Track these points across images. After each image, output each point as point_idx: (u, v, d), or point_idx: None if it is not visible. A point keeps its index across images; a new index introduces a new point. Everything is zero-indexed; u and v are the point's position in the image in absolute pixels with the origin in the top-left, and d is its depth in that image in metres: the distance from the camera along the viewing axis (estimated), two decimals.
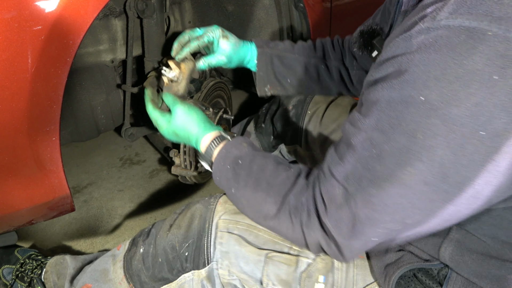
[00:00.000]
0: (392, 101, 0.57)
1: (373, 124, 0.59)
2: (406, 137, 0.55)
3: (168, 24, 1.56)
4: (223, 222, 0.89)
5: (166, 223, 0.96)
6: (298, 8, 1.36)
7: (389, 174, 0.58)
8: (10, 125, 0.88)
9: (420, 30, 0.55)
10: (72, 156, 1.90)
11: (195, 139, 0.90)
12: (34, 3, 0.82)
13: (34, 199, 1.01)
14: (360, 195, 0.61)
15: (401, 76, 0.56)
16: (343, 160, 0.64)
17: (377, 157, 0.59)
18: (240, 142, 0.84)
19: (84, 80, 1.33)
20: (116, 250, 1.03)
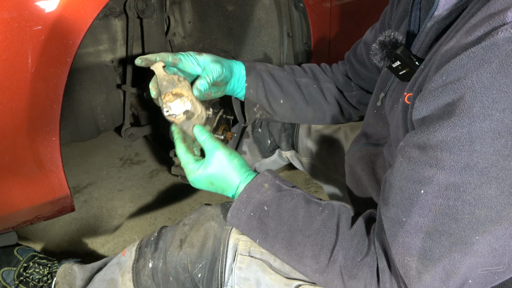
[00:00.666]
0: (487, 135, 0.49)
1: (459, 166, 0.52)
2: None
3: (168, 24, 1.56)
4: (244, 244, 0.82)
5: (176, 236, 0.89)
6: (298, 8, 1.36)
7: (497, 216, 0.52)
8: (10, 125, 0.88)
9: (504, 39, 0.47)
10: (72, 156, 1.90)
11: (234, 190, 0.81)
12: (34, 3, 0.82)
13: (34, 199, 1.01)
14: (457, 248, 0.54)
15: (493, 104, 0.48)
16: (409, 217, 0.58)
17: (475, 202, 0.52)
18: (261, 183, 0.77)
19: (84, 80, 1.33)
20: (121, 256, 0.99)
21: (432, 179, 0.55)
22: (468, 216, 0.53)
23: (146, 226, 1.55)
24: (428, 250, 0.56)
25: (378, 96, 0.89)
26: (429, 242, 0.56)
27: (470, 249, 0.54)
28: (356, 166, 0.93)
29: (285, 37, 1.47)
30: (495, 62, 0.48)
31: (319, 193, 1.71)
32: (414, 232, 0.57)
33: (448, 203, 0.54)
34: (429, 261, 0.56)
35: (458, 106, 0.51)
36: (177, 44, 1.62)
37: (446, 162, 0.53)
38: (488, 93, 0.48)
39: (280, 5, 1.39)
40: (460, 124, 0.51)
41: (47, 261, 1.22)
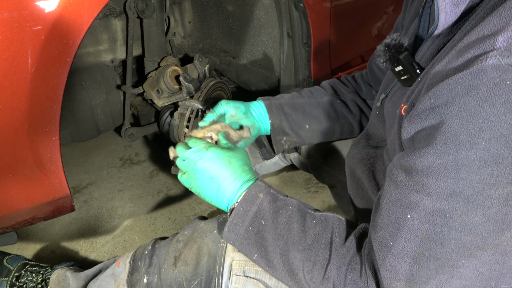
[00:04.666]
0: (473, 164, 0.50)
1: (446, 193, 0.52)
2: (501, 202, 0.50)
3: (168, 24, 1.56)
4: (238, 264, 0.81)
5: (169, 253, 0.89)
6: (298, 8, 1.36)
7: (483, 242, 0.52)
8: (10, 125, 0.88)
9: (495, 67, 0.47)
10: (72, 156, 1.90)
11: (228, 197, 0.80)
12: (34, 3, 0.82)
13: (34, 199, 1.01)
14: (444, 271, 0.55)
15: (480, 133, 0.48)
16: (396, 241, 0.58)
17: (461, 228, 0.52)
18: (255, 194, 0.76)
19: (84, 80, 1.33)
20: (116, 267, 0.99)
21: (419, 204, 0.55)
22: (455, 241, 0.53)
23: (146, 226, 1.55)
24: (415, 274, 0.57)
25: (379, 97, 0.89)
26: (416, 267, 0.56)
27: (456, 272, 0.54)
28: (356, 168, 0.93)
29: (285, 37, 1.47)
30: (482, 90, 0.48)
31: (320, 193, 1.71)
32: (401, 256, 0.58)
33: (434, 229, 0.54)
34: (416, 285, 0.57)
35: (444, 133, 0.51)
36: (177, 44, 1.62)
37: (432, 188, 0.53)
38: (474, 121, 0.48)
39: (280, 5, 1.39)
40: (446, 151, 0.51)
41: (39, 268, 1.20)
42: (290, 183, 1.76)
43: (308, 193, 1.72)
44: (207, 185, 0.80)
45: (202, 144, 0.83)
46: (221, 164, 0.79)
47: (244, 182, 0.79)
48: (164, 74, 1.27)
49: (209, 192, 0.80)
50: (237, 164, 0.80)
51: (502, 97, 0.46)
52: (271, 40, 1.54)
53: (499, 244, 0.52)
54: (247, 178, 0.80)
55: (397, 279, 0.58)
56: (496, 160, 0.48)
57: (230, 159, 0.80)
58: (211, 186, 0.80)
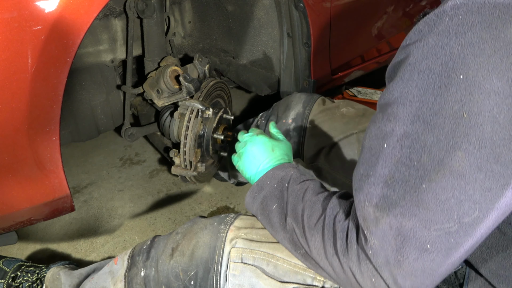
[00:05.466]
0: (430, 87, 0.55)
1: (411, 117, 0.57)
2: (451, 120, 0.54)
3: (168, 24, 1.56)
4: (236, 251, 0.83)
5: (168, 245, 0.90)
6: (298, 8, 1.36)
7: (438, 164, 0.55)
8: (10, 125, 0.88)
9: (453, 6, 0.55)
10: (72, 156, 1.90)
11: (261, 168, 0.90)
12: (34, 3, 0.82)
13: (34, 199, 1.01)
14: (409, 196, 0.57)
15: (436, 60, 0.55)
16: (374, 169, 0.61)
17: (421, 150, 0.56)
18: (286, 166, 0.85)
19: (84, 80, 1.33)
20: (113, 265, 0.98)
21: (392, 132, 0.59)
22: (417, 163, 0.56)
23: (146, 226, 1.55)
24: (386, 197, 0.59)
25: None
26: (387, 190, 0.59)
27: (419, 199, 0.56)
28: None
29: (285, 37, 1.47)
30: (441, 26, 0.55)
31: None
32: (377, 182, 0.61)
33: (403, 152, 0.58)
34: (385, 207, 0.59)
35: (409, 63, 0.58)
36: (177, 44, 1.62)
37: (401, 115, 0.58)
38: (433, 51, 0.56)
39: (280, 5, 1.39)
40: (411, 78, 0.58)
41: (34, 268, 1.20)
42: None
43: None
44: (250, 164, 0.91)
45: (256, 131, 0.96)
46: (265, 149, 0.90)
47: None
48: (164, 74, 1.27)
49: (249, 171, 0.91)
50: (278, 152, 0.90)
51: (454, 29, 0.54)
52: (271, 40, 1.54)
53: (454, 166, 0.54)
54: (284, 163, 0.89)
55: (369, 201, 0.61)
56: (446, 82, 0.54)
57: (273, 147, 0.91)
58: (252, 166, 0.90)
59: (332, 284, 0.78)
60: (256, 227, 0.87)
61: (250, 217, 0.91)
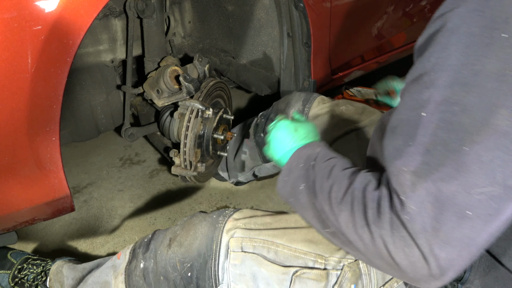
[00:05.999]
0: (471, 48, 0.54)
1: (450, 80, 0.56)
2: (493, 79, 0.53)
3: (168, 24, 1.56)
4: (235, 241, 0.83)
5: (166, 236, 0.91)
6: (298, 8, 1.36)
7: (481, 124, 0.53)
8: (10, 125, 0.88)
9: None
10: (72, 156, 1.90)
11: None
12: (34, 3, 0.82)
13: (34, 199, 1.01)
14: (449, 160, 0.54)
15: (476, 23, 0.54)
16: (414, 139, 0.58)
17: (462, 112, 0.54)
18: (313, 145, 0.83)
19: (84, 80, 1.33)
20: (116, 259, 1.00)
21: (430, 99, 0.57)
22: (457, 126, 0.55)
23: (146, 226, 1.55)
24: (425, 163, 0.56)
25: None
26: (427, 156, 0.56)
27: (460, 163, 0.54)
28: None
29: (285, 37, 1.47)
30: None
31: None
32: (417, 151, 0.58)
33: (442, 116, 0.56)
34: (424, 173, 0.56)
35: (447, 29, 0.57)
36: (177, 44, 1.62)
37: (440, 80, 0.57)
38: (472, 15, 0.55)
39: (280, 5, 1.39)
40: (449, 43, 0.56)
41: (40, 262, 1.22)
42: None
43: None
44: (277, 149, 0.89)
45: (278, 117, 0.95)
46: (288, 131, 0.89)
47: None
48: (164, 74, 1.27)
49: (277, 154, 0.89)
50: (302, 131, 0.88)
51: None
52: (271, 40, 1.54)
53: (497, 125, 0.52)
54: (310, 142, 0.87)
55: (406, 167, 0.58)
56: (488, 42, 0.53)
57: (296, 127, 0.89)
58: (279, 150, 0.88)
59: (334, 265, 0.79)
60: (256, 216, 0.88)
61: (251, 210, 0.92)
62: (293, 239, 0.82)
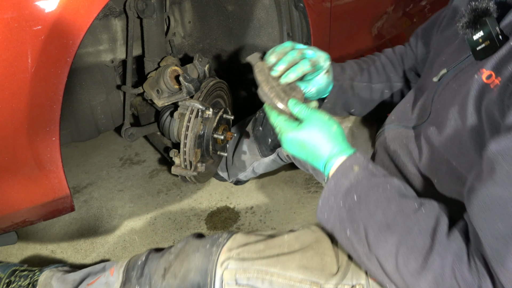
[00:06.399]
0: None
1: None
2: None
3: (168, 24, 1.56)
4: (229, 273, 0.81)
5: (160, 265, 0.89)
6: (298, 8, 1.36)
7: None
8: (10, 125, 0.88)
9: None
10: (72, 156, 1.90)
11: (323, 163, 0.75)
12: (34, 3, 0.82)
13: (34, 199, 1.01)
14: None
15: None
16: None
17: None
18: (350, 166, 0.71)
19: (84, 80, 1.33)
20: (110, 276, 0.99)
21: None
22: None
23: (146, 226, 1.55)
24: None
25: (438, 71, 0.83)
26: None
27: None
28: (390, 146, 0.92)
29: (285, 37, 1.47)
30: None
31: (319, 193, 1.71)
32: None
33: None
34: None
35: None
36: (177, 44, 1.62)
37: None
38: None
39: (280, 5, 1.39)
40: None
41: (28, 272, 1.21)
42: (290, 183, 1.76)
43: (308, 193, 1.72)
44: (308, 152, 0.78)
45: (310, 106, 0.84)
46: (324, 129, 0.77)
47: (342, 150, 0.76)
48: (164, 74, 1.27)
49: (309, 158, 0.79)
50: (339, 132, 0.78)
51: None
52: (271, 40, 1.54)
53: None
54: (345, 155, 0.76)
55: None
56: None
57: (332, 125, 0.78)
58: (310, 154, 0.78)
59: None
60: (249, 243, 0.86)
61: (244, 235, 0.89)
62: (287, 266, 0.80)
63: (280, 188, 1.73)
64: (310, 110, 0.78)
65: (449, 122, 0.72)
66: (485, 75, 0.65)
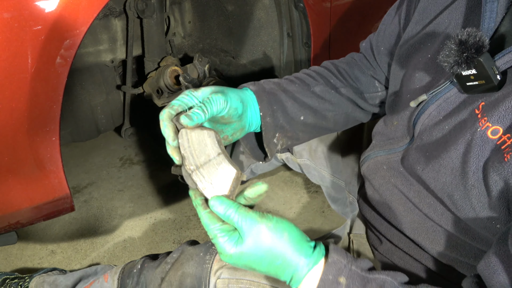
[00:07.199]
0: None
1: None
2: None
3: (168, 24, 1.56)
4: (222, 282, 0.81)
5: (157, 274, 0.89)
6: (298, 8, 1.36)
7: None
8: (10, 125, 0.88)
9: None
10: (72, 156, 1.90)
11: (290, 275, 0.60)
12: (34, 3, 0.82)
13: (34, 199, 1.01)
14: None
15: None
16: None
17: None
18: (334, 280, 0.58)
19: (84, 80, 1.33)
20: (104, 282, 0.99)
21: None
22: None
23: (146, 226, 1.55)
24: None
25: (414, 95, 0.75)
26: None
27: None
28: (372, 179, 0.87)
29: (285, 37, 1.47)
30: None
31: (319, 193, 1.71)
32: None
33: None
34: None
35: None
36: (177, 44, 1.62)
37: None
38: None
39: (280, 5, 1.39)
40: None
41: (18, 280, 1.21)
42: (290, 183, 1.76)
43: (308, 193, 1.72)
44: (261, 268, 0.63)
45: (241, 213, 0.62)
46: (268, 247, 0.61)
47: (311, 256, 0.60)
48: (164, 74, 1.27)
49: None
50: (293, 236, 0.61)
51: None
52: (271, 40, 1.54)
53: None
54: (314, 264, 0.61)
55: None
56: None
57: (279, 231, 0.61)
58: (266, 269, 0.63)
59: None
60: None
61: None
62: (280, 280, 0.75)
63: (280, 188, 1.73)
64: (247, 218, 0.59)
65: (444, 169, 0.64)
66: (490, 130, 0.57)
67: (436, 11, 0.76)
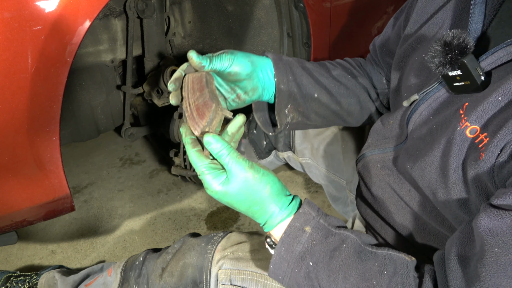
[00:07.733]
0: None
1: None
2: None
3: (168, 24, 1.56)
4: (224, 273, 0.80)
5: (158, 264, 0.90)
6: (298, 8, 1.36)
7: None
8: (10, 125, 0.88)
9: None
10: (72, 156, 1.90)
11: (265, 218, 0.66)
12: (34, 3, 0.82)
13: (34, 199, 1.01)
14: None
15: None
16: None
17: None
18: (301, 228, 0.64)
19: (84, 80, 1.33)
20: (107, 276, 1.00)
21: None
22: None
23: (146, 226, 1.55)
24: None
25: (407, 94, 0.77)
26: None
27: None
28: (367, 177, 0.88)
29: (285, 37, 1.47)
30: None
31: (320, 193, 1.71)
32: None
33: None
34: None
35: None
36: (177, 44, 1.62)
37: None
38: None
39: (280, 5, 1.39)
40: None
41: (24, 277, 1.21)
42: (290, 183, 1.76)
43: (308, 193, 1.72)
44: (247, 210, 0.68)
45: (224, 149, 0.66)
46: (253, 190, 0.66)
47: (285, 207, 0.67)
48: (164, 74, 1.27)
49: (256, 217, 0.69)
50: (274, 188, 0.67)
51: None
52: (271, 40, 1.54)
53: None
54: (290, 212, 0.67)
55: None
56: None
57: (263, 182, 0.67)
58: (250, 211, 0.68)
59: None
60: (244, 242, 0.86)
61: (239, 234, 0.89)
62: None
63: None
64: (237, 164, 0.63)
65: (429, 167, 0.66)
66: (469, 130, 0.59)
67: (432, 10, 0.77)
